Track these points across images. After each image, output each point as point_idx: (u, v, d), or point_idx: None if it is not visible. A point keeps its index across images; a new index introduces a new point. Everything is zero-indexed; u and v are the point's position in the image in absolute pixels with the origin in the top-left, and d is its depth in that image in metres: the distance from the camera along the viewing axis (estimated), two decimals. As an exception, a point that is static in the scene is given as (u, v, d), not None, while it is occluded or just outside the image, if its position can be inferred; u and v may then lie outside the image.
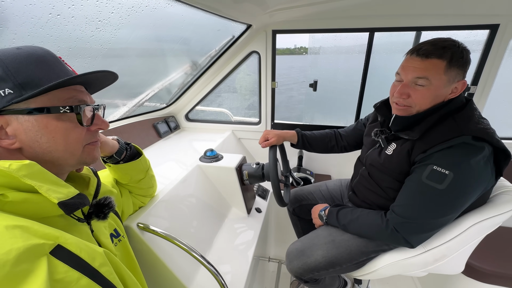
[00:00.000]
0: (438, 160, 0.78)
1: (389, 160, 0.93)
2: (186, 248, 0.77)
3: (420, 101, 0.83)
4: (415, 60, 0.81)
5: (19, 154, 0.45)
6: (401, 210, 0.86)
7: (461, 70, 0.79)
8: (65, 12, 0.68)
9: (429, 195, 0.79)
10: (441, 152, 0.78)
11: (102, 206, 0.55)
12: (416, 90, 0.82)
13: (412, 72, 0.81)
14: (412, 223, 0.83)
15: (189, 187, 1.13)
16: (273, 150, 1.14)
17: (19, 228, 0.36)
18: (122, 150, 0.74)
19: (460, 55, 0.78)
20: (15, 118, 0.43)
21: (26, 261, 0.33)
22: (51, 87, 0.42)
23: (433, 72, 0.78)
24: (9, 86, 0.41)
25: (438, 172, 0.77)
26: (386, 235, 0.88)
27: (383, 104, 1.01)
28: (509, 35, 1.33)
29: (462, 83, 0.81)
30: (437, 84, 0.79)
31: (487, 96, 1.47)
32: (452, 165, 0.75)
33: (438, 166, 0.77)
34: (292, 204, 1.40)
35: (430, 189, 0.78)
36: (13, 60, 0.42)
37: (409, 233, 0.84)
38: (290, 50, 5.20)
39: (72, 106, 0.47)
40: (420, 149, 0.83)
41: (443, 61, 0.77)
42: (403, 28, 1.44)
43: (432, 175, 0.78)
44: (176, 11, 1.07)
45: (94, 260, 0.42)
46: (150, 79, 1.58)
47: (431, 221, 0.81)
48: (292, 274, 1.12)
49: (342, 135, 1.29)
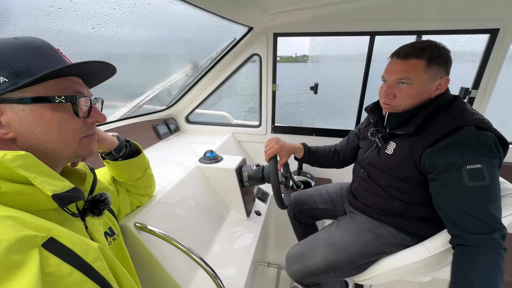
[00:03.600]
0: (464, 159, 0.76)
1: (390, 159, 0.93)
2: (184, 249, 0.75)
3: (405, 99, 0.87)
4: (396, 63, 0.87)
5: (12, 144, 0.44)
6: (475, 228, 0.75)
7: (441, 68, 0.83)
8: (66, 6, 0.68)
9: (481, 194, 0.75)
10: (459, 150, 0.77)
11: (97, 202, 0.53)
12: (400, 90, 0.87)
13: (394, 74, 0.87)
14: (491, 230, 0.73)
15: (188, 188, 1.12)
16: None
17: (11, 218, 0.35)
18: (122, 147, 0.73)
19: (438, 53, 0.82)
20: (9, 107, 0.42)
21: (17, 252, 0.32)
22: (46, 75, 0.42)
23: (413, 71, 0.83)
24: (4, 75, 0.40)
25: (475, 170, 0.75)
26: (499, 259, 0.72)
27: (375, 105, 1.03)
28: (509, 40, 1.34)
29: (445, 79, 0.85)
30: (419, 82, 0.84)
31: (488, 100, 1.48)
32: (479, 158, 0.75)
33: (469, 164, 0.75)
34: (293, 209, 1.39)
35: (480, 188, 0.74)
36: (9, 49, 0.41)
37: (498, 241, 0.73)
38: (294, 58, 5.29)
39: (68, 96, 0.46)
40: (423, 145, 0.84)
41: (422, 60, 0.82)
42: (403, 32, 1.46)
43: (472, 175, 0.75)
44: (178, 11, 1.07)
45: (87, 254, 0.41)
46: (151, 80, 1.58)
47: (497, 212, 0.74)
48: (292, 278, 1.09)
49: (339, 150, 1.29)
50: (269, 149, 1.14)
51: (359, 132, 1.21)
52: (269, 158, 1.12)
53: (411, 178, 0.89)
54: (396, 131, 0.91)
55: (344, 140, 1.29)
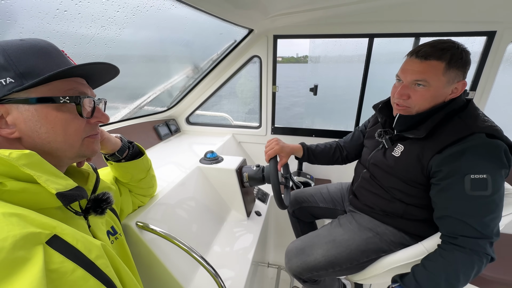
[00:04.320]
0: (470, 168, 0.75)
1: (396, 162, 0.92)
2: (185, 248, 0.76)
3: (420, 102, 0.84)
4: (414, 62, 0.82)
5: (18, 143, 0.45)
6: (467, 232, 0.77)
7: (460, 71, 0.80)
8: (72, 9, 0.70)
9: (481, 204, 0.75)
10: (465, 157, 0.76)
11: (100, 201, 0.54)
12: (415, 91, 0.83)
13: (411, 74, 0.83)
14: (482, 236, 0.76)
15: (189, 188, 1.12)
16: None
17: (16, 216, 0.36)
18: (125, 149, 0.73)
19: (459, 56, 0.78)
20: (15, 108, 0.43)
21: (22, 249, 0.33)
22: (52, 76, 0.43)
23: (431, 74, 0.79)
24: (11, 75, 0.42)
25: (478, 180, 0.74)
26: (478, 264, 0.76)
27: (385, 105, 1.01)
28: (506, 42, 1.36)
29: (462, 84, 0.82)
30: (436, 85, 0.80)
31: (486, 101, 1.49)
32: (485, 167, 0.74)
33: (474, 173, 0.74)
34: (293, 206, 1.39)
35: (480, 198, 0.75)
36: (15, 50, 0.43)
37: (485, 247, 0.76)
38: (295, 59, 5.32)
39: (73, 97, 0.47)
40: (433, 151, 0.81)
41: (442, 62, 0.78)
42: (401, 34, 1.47)
43: (474, 185, 0.74)
44: (180, 13, 1.09)
45: (90, 252, 0.42)
46: (152, 81, 1.59)
47: (492, 223, 0.76)
48: (291, 273, 1.10)
49: (343, 146, 1.28)
50: (269, 149, 1.15)
51: (365, 130, 1.19)
52: (269, 158, 1.12)
53: (416, 181, 0.88)
54: (405, 133, 0.89)
55: (348, 137, 1.28)
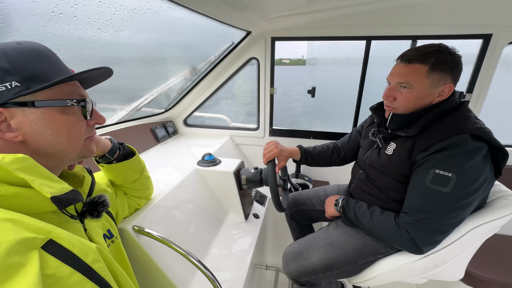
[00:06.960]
0: (439, 163, 0.78)
1: (389, 160, 0.93)
2: (182, 252, 0.76)
3: (405, 103, 0.88)
4: (399, 66, 0.87)
5: (21, 147, 0.45)
6: (411, 213, 0.84)
7: (445, 74, 0.82)
8: (67, 11, 0.69)
9: (435, 198, 0.79)
10: (440, 154, 0.79)
11: (96, 204, 0.54)
12: (401, 93, 0.88)
13: (396, 77, 0.88)
14: (422, 225, 0.81)
15: (187, 191, 1.12)
16: None
17: (10, 221, 0.35)
18: (115, 150, 0.73)
19: (444, 59, 0.80)
20: (20, 111, 0.43)
21: (16, 254, 0.32)
22: (61, 80, 0.44)
23: (413, 76, 0.83)
24: (16, 79, 0.42)
25: (441, 176, 0.77)
26: (398, 236, 0.86)
27: (379, 105, 1.04)
28: (502, 45, 1.37)
29: (449, 87, 0.84)
30: (419, 88, 0.84)
31: (482, 103, 1.50)
32: (454, 167, 0.76)
33: (440, 169, 0.77)
34: (290, 209, 1.39)
35: (436, 193, 0.78)
36: (17, 54, 0.43)
37: (419, 236, 0.83)
38: (294, 61, 5.27)
39: (79, 100, 0.48)
40: (421, 147, 0.84)
41: (425, 65, 0.81)
42: (399, 36, 1.48)
43: (435, 179, 0.78)
44: (177, 15, 1.08)
45: (86, 255, 0.41)
46: (149, 83, 1.58)
47: (441, 223, 0.80)
48: (288, 276, 1.10)
49: (340, 147, 1.29)
50: (268, 152, 1.14)
51: (361, 130, 1.20)
52: (268, 161, 1.12)
53: (408, 178, 0.90)
54: (398, 132, 0.92)
55: (346, 138, 1.29)
